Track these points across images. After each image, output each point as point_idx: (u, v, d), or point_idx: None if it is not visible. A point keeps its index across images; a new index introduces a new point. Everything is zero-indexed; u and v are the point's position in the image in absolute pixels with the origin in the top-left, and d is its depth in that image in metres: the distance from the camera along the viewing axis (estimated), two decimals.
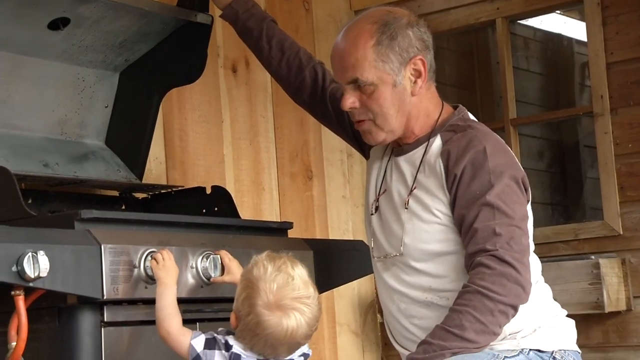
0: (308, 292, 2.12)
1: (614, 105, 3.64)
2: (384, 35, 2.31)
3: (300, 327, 2.09)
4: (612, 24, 3.65)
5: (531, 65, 5.38)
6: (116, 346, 2.27)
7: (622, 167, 3.62)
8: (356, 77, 2.32)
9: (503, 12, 3.93)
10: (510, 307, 2.18)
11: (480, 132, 2.33)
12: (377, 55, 2.31)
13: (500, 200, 2.23)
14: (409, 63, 2.32)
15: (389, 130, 2.36)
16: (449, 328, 2.16)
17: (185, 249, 2.36)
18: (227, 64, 3.55)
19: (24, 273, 2.01)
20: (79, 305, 2.20)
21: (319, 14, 3.99)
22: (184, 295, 2.35)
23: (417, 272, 2.34)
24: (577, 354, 2.37)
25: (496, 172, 2.25)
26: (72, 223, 2.22)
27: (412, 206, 2.35)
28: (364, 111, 2.35)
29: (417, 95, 2.36)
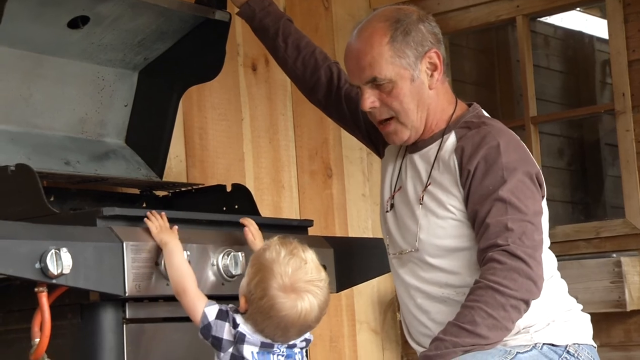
0: (320, 276, 2.16)
1: (636, 103, 3.63)
2: (397, 32, 2.32)
3: (312, 310, 2.13)
4: (634, 21, 3.64)
5: (551, 63, 5.37)
6: (138, 343, 2.28)
7: None
8: (374, 76, 2.33)
9: (523, 10, 3.92)
10: (522, 301, 2.18)
11: (495, 128, 2.34)
12: (393, 52, 2.32)
13: (513, 196, 2.23)
14: (425, 57, 2.34)
15: (412, 127, 2.37)
16: (461, 324, 2.16)
17: (206, 246, 2.37)
18: (247, 62, 3.57)
19: (47, 270, 2.02)
20: (101, 302, 2.22)
21: (338, 12, 3.99)
22: (205, 292, 2.35)
23: (433, 268, 2.35)
24: (592, 348, 2.36)
25: (509, 168, 2.26)
26: (94, 220, 2.23)
27: (427, 202, 2.35)
28: (385, 110, 2.36)
29: (434, 89, 2.37)
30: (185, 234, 2.36)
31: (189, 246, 2.32)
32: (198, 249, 2.35)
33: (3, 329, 2.35)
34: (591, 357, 2.32)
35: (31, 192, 2.33)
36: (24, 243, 2.02)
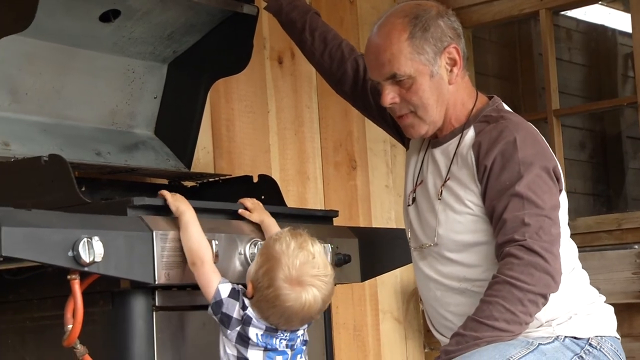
0: (326, 271, 2.18)
1: None
2: (416, 28, 2.30)
3: (316, 303, 2.16)
4: None
5: (574, 56, 5.34)
6: (167, 330, 2.29)
7: None
8: (394, 72, 2.32)
9: (547, 4, 3.91)
10: (540, 296, 2.17)
11: (512, 122, 2.31)
12: (412, 48, 2.30)
13: (530, 191, 2.21)
14: (444, 52, 2.32)
15: (430, 122, 2.36)
16: (480, 319, 2.16)
17: (233, 236, 2.38)
18: (273, 56, 3.58)
19: (79, 258, 2.03)
20: (131, 290, 2.23)
21: (363, 5, 3.99)
22: (234, 280, 2.35)
23: (451, 262, 2.34)
24: (616, 340, 2.34)
25: (526, 162, 2.24)
26: (124, 210, 2.24)
27: (445, 197, 2.34)
28: (404, 105, 2.35)
29: (454, 84, 2.35)
30: (212, 224, 2.37)
31: (217, 235, 2.33)
32: (226, 238, 2.36)
33: (37, 316, 2.36)
34: (614, 349, 2.30)
35: (64, 182, 2.34)
36: (57, 232, 2.03)
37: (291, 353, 2.24)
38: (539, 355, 2.19)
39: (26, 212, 2.05)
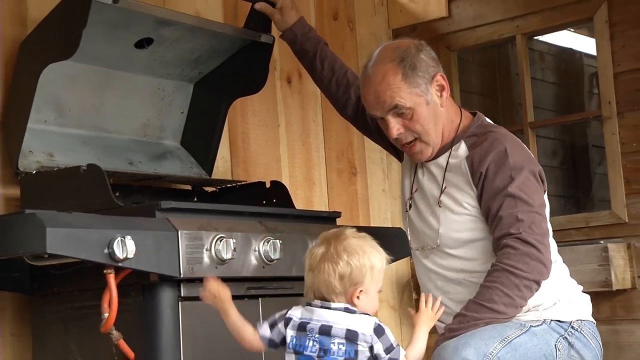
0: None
1: (621, 110, 3.60)
2: (406, 68, 2.30)
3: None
4: (618, 38, 3.60)
5: (546, 75, 5.33)
6: (192, 318, 2.29)
7: (628, 164, 3.58)
8: (395, 104, 2.31)
9: (522, 30, 3.89)
10: (534, 282, 2.19)
11: (500, 134, 2.33)
12: (408, 84, 2.30)
13: (521, 191, 2.23)
14: (432, 81, 2.33)
15: (433, 144, 2.36)
16: (480, 302, 2.18)
17: (248, 234, 2.38)
18: (282, 76, 3.56)
19: (114, 254, 2.04)
20: (160, 283, 2.23)
21: (361, 32, 3.98)
22: (249, 274, 2.37)
23: (451, 256, 2.35)
24: (592, 324, 2.37)
25: (516, 167, 2.25)
26: (153, 212, 2.25)
27: (445, 201, 2.35)
28: (409, 133, 2.34)
29: (445, 106, 2.36)
30: (230, 224, 2.37)
31: (234, 234, 2.33)
32: (242, 237, 2.36)
33: (78, 305, 2.36)
34: (592, 332, 2.33)
35: (100, 189, 2.34)
36: (94, 232, 2.04)
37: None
38: (531, 335, 2.21)
39: (67, 215, 2.05)
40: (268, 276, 2.43)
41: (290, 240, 2.48)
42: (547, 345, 2.24)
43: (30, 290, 2.46)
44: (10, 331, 2.52)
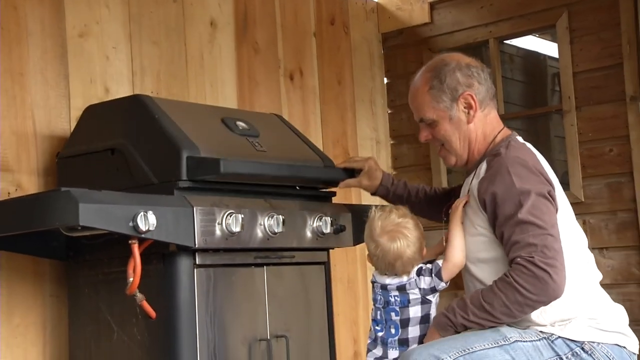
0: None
1: (579, 104, 3.59)
2: (435, 80, 2.18)
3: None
4: (577, 42, 3.58)
5: (515, 75, 5.30)
6: (205, 283, 2.28)
7: (584, 151, 3.57)
8: (421, 117, 2.23)
9: (494, 34, 3.87)
10: (540, 303, 1.98)
11: (509, 158, 2.09)
12: (432, 98, 2.19)
13: (532, 215, 1.99)
14: (459, 99, 2.17)
15: (456, 154, 2.23)
16: (483, 302, 1.99)
17: (255, 210, 2.36)
18: (286, 73, 3.54)
19: (137, 227, 2.03)
20: (178, 252, 2.22)
21: (355, 36, 3.95)
22: (255, 245, 2.36)
23: (472, 271, 2.14)
24: (617, 348, 2.05)
25: (524, 192, 2.02)
26: (172, 191, 2.23)
27: (465, 222, 2.16)
28: (436, 140, 2.25)
29: (472, 122, 2.19)
30: (239, 202, 2.35)
31: (243, 210, 2.31)
32: (249, 212, 2.34)
33: (107, 271, 2.36)
34: (610, 357, 2.04)
35: (126, 170, 2.32)
36: (121, 207, 2.03)
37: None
38: (507, 350, 1.99)
39: (97, 192, 2.04)
40: (272, 247, 2.42)
41: (292, 216, 2.47)
42: None
43: (66, 258, 2.45)
44: (50, 293, 2.52)
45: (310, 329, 2.61)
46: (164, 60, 2.98)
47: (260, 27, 3.40)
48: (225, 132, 2.51)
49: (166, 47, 3.00)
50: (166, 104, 2.45)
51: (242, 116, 2.64)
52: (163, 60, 2.98)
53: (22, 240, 2.31)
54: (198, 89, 3.10)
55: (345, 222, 2.66)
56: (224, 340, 2.29)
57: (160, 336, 2.20)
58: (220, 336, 2.28)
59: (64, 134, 2.61)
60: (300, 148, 2.74)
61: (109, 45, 2.79)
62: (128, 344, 2.26)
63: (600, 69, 3.53)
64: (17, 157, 2.49)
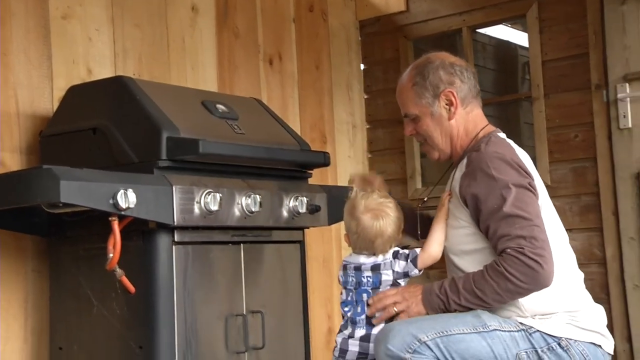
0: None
1: (547, 92, 3.61)
2: (418, 77, 2.19)
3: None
4: (546, 32, 3.61)
5: (487, 63, 5.32)
6: (184, 260, 2.28)
7: (552, 137, 3.60)
8: (405, 112, 2.24)
9: (467, 23, 3.89)
10: (529, 291, 1.97)
11: (488, 154, 2.07)
12: (415, 94, 2.20)
13: (516, 208, 1.98)
14: (441, 95, 2.17)
15: (438, 149, 2.23)
16: (475, 288, 1.99)
17: (233, 190, 2.36)
18: (265, 58, 3.53)
19: (117, 204, 2.02)
20: (157, 229, 2.21)
21: (333, 23, 3.94)
22: (233, 224, 2.35)
23: (455, 262, 2.13)
24: (593, 347, 2.03)
25: (505, 185, 2.00)
26: (152, 170, 2.22)
27: (449, 215, 2.16)
28: (419, 135, 2.25)
29: (454, 119, 2.19)
30: (218, 181, 2.35)
31: (221, 189, 2.31)
32: (227, 192, 2.34)
33: (88, 247, 2.34)
34: (582, 354, 2.02)
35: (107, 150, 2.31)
36: (101, 185, 2.02)
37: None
38: (484, 337, 1.98)
39: (79, 170, 2.02)
40: (249, 225, 2.42)
41: (268, 196, 2.47)
42: (505, 351, 1.98)
43: (48, 234, 2.44)
44: (32, 268, 2.51)
45: (286, 305, 2.62)
46: (145, 43, 2.96)
47: (240, 12, 3.38)
48: (205, 115, 2.50)
49: (148, 30, 2.97)
50: (147, 86, 2.43)
51: (222, 99, 2.64)
52: (145, 43, 2.95)
53: (4, 217, 2.29)
54: (179, 72, 3.08)
55: (320, 202, 2.66)
56: (201, 315, 2.30)
57: (139, 311, 2.20)
58: (198, 311, 2.29)
59: (47, 113, 2.58)
60: (277, 131, 2.74)
61: (91, 27, 2.76)
62: (108, 318, 2.26)
63: (568, 58, 3.56)
64: (0, 135, 2.47)
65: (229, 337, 2.36)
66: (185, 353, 2.23)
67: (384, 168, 4.04)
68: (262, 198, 2.41)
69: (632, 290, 3.35)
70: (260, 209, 2.40)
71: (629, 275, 3.36)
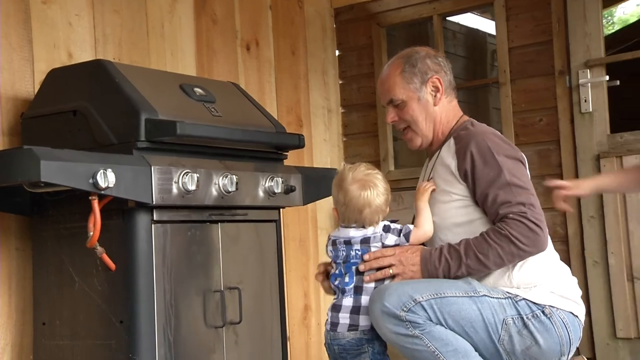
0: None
1: (513, 77, 3.64)
2: (406, 65, 2.23)
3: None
4: (513, 20, 3.62)
5: (457, 50, 5.33)
6: (162, 238, 2.28)
7: (517, 121, 3.63)
8: (391, 98, 2.25)
9: (438, 11, 3.89)
10: (530, 254, 2.03)
11: (479, 131, 2.15)
12: (403, 79, 2.23)
13: (514, 177, 2.05)
14: (428, 82, 2.23)
15: (422, 135, 2.25)
16: (477, 252, 2.03)
17: (210, 170, 2.36)
18: (242, 44, 3.51)
19: (97, 184, 2.01)
20: (136, 208, 2.21)
21: (309, 10, 3.93)
22: (210, 203, 2.35)
23: (450, 237, 2.14)
24: (573, 316, 2.09)
25: (501, 156, 2.07)
26: (131, 151, 2.21)
27: (437, 194, 2.17)
28: (402, 122, 2.27)
29: (438, 105, 2.23)
30: (195, 162, 2.34)
31: (199, 170, 2.30)
32: (205, 172, 2.34)
33: (70, 225, 2.33)
34: (564, 321, 2.07)
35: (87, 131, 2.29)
36: (82, 165, 2.01)
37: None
38: (475, 302, 2.02)
39: (60, 151, 2.01)
40: (226, 205, 2.42)
41: (245, 176, 2.47)
42: (492, 316, 2.01)
43: (30, 213, 2.42)
44: (15, 246, 2.49)
45: (262, 281, 2.63)
46: (125, 28, 2.93)
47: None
48: (183, 98, 2.49)
49: (127, 16, 2.95)
50: (127, 69, 2.41)
51: (200, 83, 2.63)
52: (124, 29, 2.93)
53: None
54: (159, 57, 3.06)
55: (295, 182, 2.67)
56: (180, 291, 2.30)
57: (120, 287, 2.20)
58: (177, 287, 2.29)
59: (28, 96, 2.55)
60: (254, 114, 2.73)
61: (71, 12, 2.73)
62: (89, 294, 2.26)
63: (533, 44, 3.58)
64: None
65: (207, 312, 2.37)
66: (164, 327, 2.23)
67: (358, 151, 4.05)
68: (238, 178, 2.40)
69: (591, 265, 3.40)
70: (237, 189, 2.40)
71: (589, 252, 3.41)
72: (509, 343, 2.03)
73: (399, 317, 1.97)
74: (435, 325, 1.99)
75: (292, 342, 3.57)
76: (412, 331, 1.97)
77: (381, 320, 1.99)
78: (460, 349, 1.99)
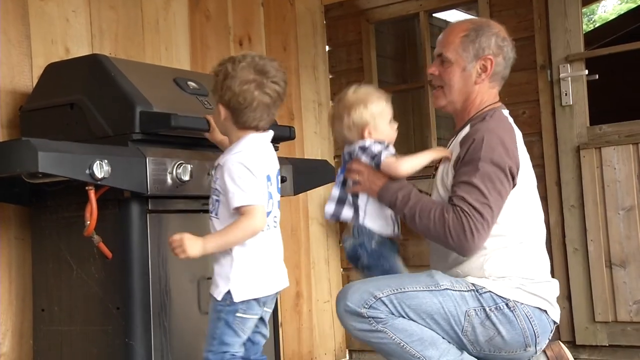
0: None
1: None
2: (472, 32, 2.14)
3: None
4: (497, 16, 3.62)
5: None
6: (157, 227, 2.28)
7: None
8: (441, 51, 2.17)
9: (424, 7, 3.89)
10: (449, 248, 2.00)
11: (488, 127, 2.05)
12: (460, 42, 2.14)
13: (482, 182, 1.97)
14: (480, 59, 2.13)
15: (449, 101, 2.18)
16: (417, 212, 2.00)
17: (203, 162, 2.35)
18: (235, 39, 3.51)
19: (94, 174, 2.01)
20: (132, 198, 2.20)
21: (300, 7, 3.92)
22: (203, 193, 2.33)
23: None
24: (537, 311, 2.04)
25: (485, 159, 1.99)
26: (127, 142, 2.21)
27: (437, 177, 2.14)
28: (438, 79, 2.19)
29: (478, 84, 2.15)
30: (189, 154, 2.33)
31: (192, 161, 2.30)
32: (198, 163, 2.33)
33: (67, 215, 2.33)
34: (528, 316, 2.02)
35: (84, 123, 2.29)
36: (78, 156, 2.00)
37: None
38: (436, 295, 2.00)
39: (57, 142, 2.01)
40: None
41: None
42: (455, 308, 1.99)
43: (29, 203, 2.41)
44: (15, 235, 2.49)
45: None
46: (121, 24, 2.92)
47: None
48: (177, 91, 2.48)
49: (123, 12, 2.93)
50: (122, 64, 2.40)
51: (193, 77, 2.62)
52: (120, 25, 2.91)
53: None
54: (154, 52, 3.05)
55: (286, 173, 2.67)
56: (174, 278, 2.30)
57: (116, 274, 2.20)
58: (171, 275, 2.29)
59: (27, 89, 2.54)
60: None
61: (68, 9, 2.72)
62: (86, 281, 2.26)
63: (516, 40, 3.51)
64: None
65: (201, 298, 2.37)
66: (159, 314, 2.23)
67: None
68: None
69: (572, 253, 3.42)
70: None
71: (570, 240, 3.43)
72: (472, 333, 2.00)
73: (361, 315, 1.97)
74: (397, 317, 1.97)
75: (285, 327, 3.57)
76: (375, 326, 1.97)
77: (345, 319, 2.00)
78: (426, 337, 1.98)
